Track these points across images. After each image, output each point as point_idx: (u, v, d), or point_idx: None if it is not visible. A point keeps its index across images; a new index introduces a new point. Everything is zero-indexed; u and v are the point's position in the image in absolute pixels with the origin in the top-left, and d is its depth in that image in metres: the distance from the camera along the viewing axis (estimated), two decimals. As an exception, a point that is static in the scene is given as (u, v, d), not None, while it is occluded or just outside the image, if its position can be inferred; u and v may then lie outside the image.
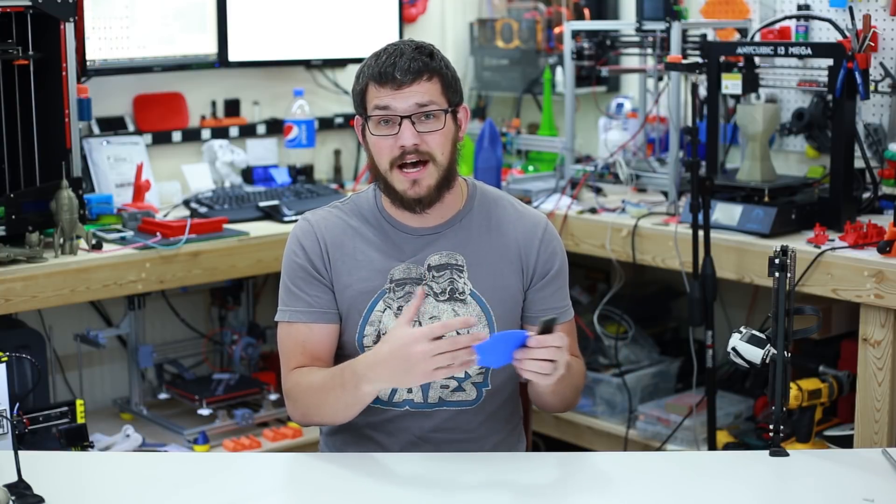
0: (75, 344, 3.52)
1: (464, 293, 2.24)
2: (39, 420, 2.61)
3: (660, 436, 3.57)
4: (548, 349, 1.99)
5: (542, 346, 1.99)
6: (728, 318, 3.85)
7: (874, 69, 3.28)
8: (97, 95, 3.48)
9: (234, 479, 2.08)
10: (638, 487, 2.04)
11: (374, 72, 2.17)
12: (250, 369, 3.81)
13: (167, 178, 3.80)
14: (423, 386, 2.24)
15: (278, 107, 4.08)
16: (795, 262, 2.20)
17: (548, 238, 2.31)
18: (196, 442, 3.40)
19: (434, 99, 2.17)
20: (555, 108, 4.20)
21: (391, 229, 2.27)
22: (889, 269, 2.81)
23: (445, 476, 2.07)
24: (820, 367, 3.20)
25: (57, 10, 3.05)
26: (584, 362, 2.39)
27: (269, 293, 3.94)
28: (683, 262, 3.28)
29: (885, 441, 2.86)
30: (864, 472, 2.07)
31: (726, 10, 3.73)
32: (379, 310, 2.23)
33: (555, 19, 4.27)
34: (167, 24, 3.69)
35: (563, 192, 3.72)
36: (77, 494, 2.01)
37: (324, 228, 2.27)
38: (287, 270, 2.28)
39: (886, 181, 3.31)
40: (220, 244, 3.30)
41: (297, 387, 2.21)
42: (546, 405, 2.30)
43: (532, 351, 2.00)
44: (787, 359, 2.17)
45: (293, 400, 2.23)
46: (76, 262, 3.03)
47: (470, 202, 2.30)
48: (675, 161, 3.53)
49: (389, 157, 2.17)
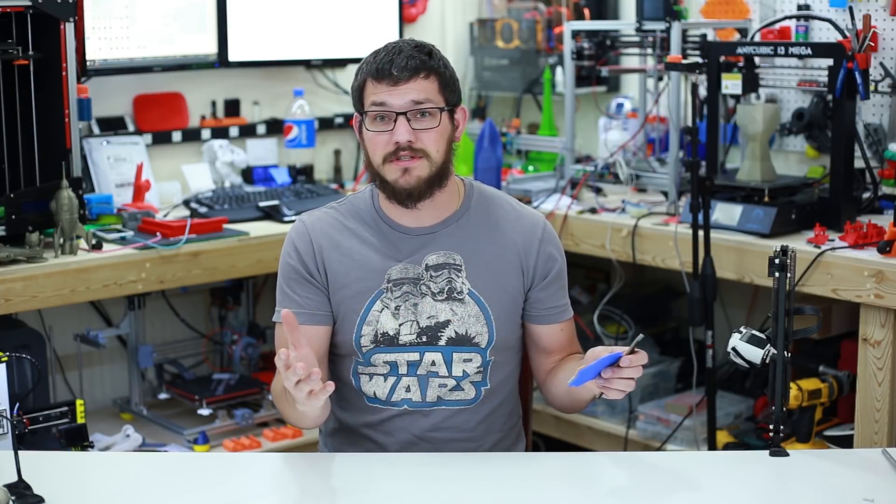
0: (75, 344, 3.52)
1: (462, 293, 2.24)
2: (39, 420, 2.61)
3: (660, 436, 3.57)
4: (636, 368, 2.03)
5: (632, 366, 2.02)
6: (728, 318, 3.85)
7: (874, 69, 3.28)
8: (97, 95, 3.48)
9: (234, 479, 2.09)
10: (638, 487, 2.04)
11: (372, 68, 2.18)
12: (250, 369, 3.81)
13: (167, 178, 3.80)
14: (421, 385, 2.24)
15: (278, 107, 4.08)
16: (795, 262, 2.21)
17: (547, 238, 2.31)
18: (196, 442, 3.40)
19: (430, 97, 2.17)
20: (555, 108, 4.20)
21: (388, 229, 2.27)
22: (889, 269, 2.81)
23: (444, 476, 2.07)
24: (820, 367, 3.20)
25: (57, 10, 3.05)
26: None
27: (269, 293, 3.94)
28: (683, 262, 3.28)
29: (885, 441, 2.86)
30: (864, 472, 2.07)
31: (726, 10, 3.73)
32: (376, 310, 2.23)
33: (555, 19, 4.27)
34: (167, 24, 3.69)
35: (563, 192, 3.72)
36: (77, 494, 2.01)
37: (318, 230, 2.28)
38: (281, 271, 2.29)
39: (886, 181, 3.31)
40: (220, 244, 3.30)
41: (273, 390, 2.29)
42: (564, 407, 2.32)
43: (623, 371, 2.03)
44: (787, 359, 2.17)
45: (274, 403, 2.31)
46: (76, 262, 3.03)
47: (467, 201, 2.30)
48: (675, 161, 3.53)
49: (384, 152, 2.18)
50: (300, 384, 1.92)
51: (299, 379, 1.91)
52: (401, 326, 2.23)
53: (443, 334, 2.23)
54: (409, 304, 2.23)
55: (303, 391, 1.93)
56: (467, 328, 2.23)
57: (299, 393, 1.94)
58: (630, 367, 2.02)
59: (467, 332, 2.23)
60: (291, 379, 1.92)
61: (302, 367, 1.90)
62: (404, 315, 2.23)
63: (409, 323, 2.23)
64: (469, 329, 2.23)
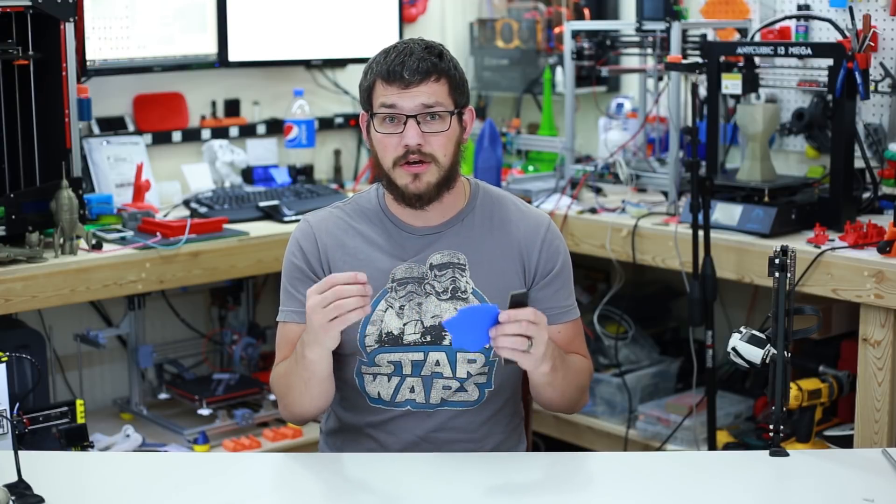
0: (75, 344, 3.52)
1: (466, 292, 2.24)
2: (39, 420, 2.61)
3: (660, 436, 3.57)
4: (519, 323, 1.96)
5: (513, 321, 1.96)
6: (728, 318, 3.85)
7: (874, 69, 3.28)
8: (97, 95, 3.49)
9: (234, 479, 2.09)
10: (638, 487, 2.04)
11: (383, 69, 2.17)
12: (250, 369, 3.81)
13: (167, 178, 3.80)
14: (425, 387, 2.24)
15: (278, 107, 4.08)
16: (795, 262, 2.20)
17: (550, 237, 2.30)
18: (196, 442, 3.40)
19: (440, 100, 2.17)
20: (555, 108, 4.20)
21: (393, 228, 2.27)
22: (889, 269, 2.81)
23: (445, 476, 2.07)
24: (820, 367, 3.20)
25: (57, 10, 3.05)
26: (591, 363, 2.38)
27: (269, 293, 3.94)
28: (683, 262, 3.28)
29: (885, 441, 2.86)
30: (864, 472, 2.07)
31: (726, 10, 3.73)
32: (381, 309, 2.23)
33: (555, 19, 4.27)
34: (167, 24, 3.69)
35: (563, 192, 3.72)
36: (77, 494, 2.01)
37: (323, 229, 2.27)
38: (285, 271, 2.29)
39: (886, 181, 3.31)
40: (220, 244, 3.30)
41: (273, 379, 2.27)
42: (547, 401, 2.27)
43: (504, 327, 1.96)
44: (787, 359, 2.17)
45: (275, 394, 2.30)
46: (76, 262, 3.03)
47: (472, 201, 2.30)
48: (675, 161, 3.53)
49: (393, 155, 2.18)
50: (345, 300, 1.97)
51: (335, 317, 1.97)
52: (405, 326, 2.23)
53: (447, 334, 2.22)
54: (414, 303, 2.23)
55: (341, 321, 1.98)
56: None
57: (334, 324, 1.98)
58: (511, 323, 1.95)
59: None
60: (350, 291, 1.96)
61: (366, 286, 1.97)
62: (408, 314, 2.23)
63: (414, 322, 2.23)
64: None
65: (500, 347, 1.98)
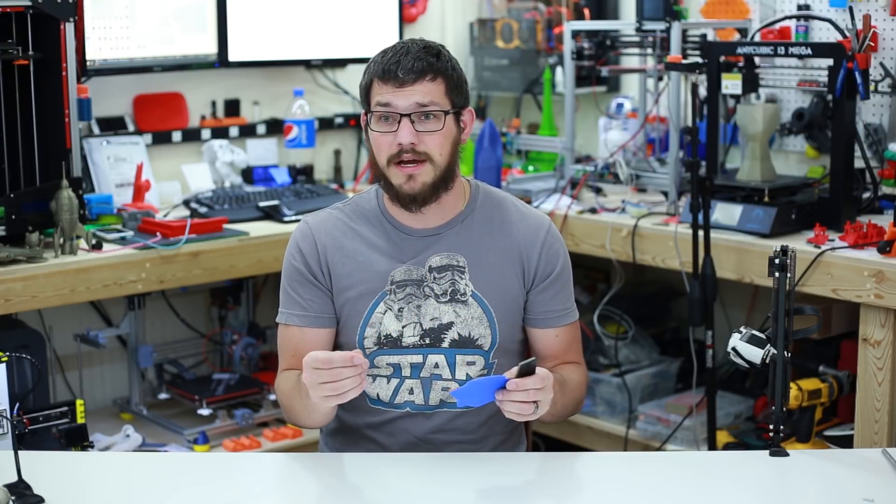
0: (75, 344, 3.52)
1: (465, 294, 2.24)
2: (39, 420, 2.61)
3: (660, 436, 3.57)
4: (527, 392, 1.99)
5: (521, 390, 1.99)
6: (728, 318, 3.85)
7: (874, 69, 3.28)
8: (97, 95, 3.49)
9: (234, 479, 2.09)
10: (638, 487, 2.04)
11: (379, 68, 2.17)
12: (250, 369, 3.81)
13: (167, 178, 3.80)
14: (424, 388, 2.25)
15: (278, 107, 4.08)
16: (795, 262, 2.21)
17: (550, 240, 2.30)
18: (196, 442, 3.40)
19: (435, 99, 2.16)
20: (555, 108, 4.20)
21: (393, 230, 2.27)
22: (889, 269, 2.81)
23: (445, 476, 2.07)
24: (820, 367, 3.20)
25: (57, 10, 3.05)
26: (585, 369, 2.38)
27: (269, 293, 3.94)
28: (683, 262, 3.28)
29: (885, 441, 2.86)
30: (864, 472, 2.07)
31: (726, 10, 3.73)
32: (379, 311, 2.23)
33: (555, 19, 4.27)
34: (167, 24, 3.69)
35: (563, 192, 3.72)
36: (77, 494, 2.01)
37: (323, 231, 2.27)
38: (285, 273, 2.29)
39: (886, 181, 3.31)
40: (220, 244, 3.30)
41: (277, 390, 2.28)
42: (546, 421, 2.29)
43: (512, 394, 1.99)
44: (787, 359, 2.17)
45: (278, 401, 2.31)
46: (76, 262, 3.03)
47: (472, 203, 2.30)
48: (675, 161, 3.53)
49: (387, 153, 2.18)
50: (341, 382, 1.94)
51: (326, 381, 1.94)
52: (404, 328, 2.23)
53: (446, 336, 2.23)
54: (413, 305, 2.23)
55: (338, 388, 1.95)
56: (470, 330, 2.23)
57: (329, 390, 1.95)
58: (518, 391, 1.98)
59: (470, 335, 2.23)
60: (346, 374, 1.94)
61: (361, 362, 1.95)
62: (407, 317, 2.23)
63: (413, 325, 2.23)
64: (472, 331, 2.23)
65: (508, 412, 2.02)
